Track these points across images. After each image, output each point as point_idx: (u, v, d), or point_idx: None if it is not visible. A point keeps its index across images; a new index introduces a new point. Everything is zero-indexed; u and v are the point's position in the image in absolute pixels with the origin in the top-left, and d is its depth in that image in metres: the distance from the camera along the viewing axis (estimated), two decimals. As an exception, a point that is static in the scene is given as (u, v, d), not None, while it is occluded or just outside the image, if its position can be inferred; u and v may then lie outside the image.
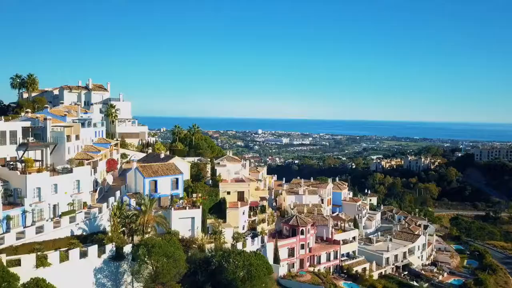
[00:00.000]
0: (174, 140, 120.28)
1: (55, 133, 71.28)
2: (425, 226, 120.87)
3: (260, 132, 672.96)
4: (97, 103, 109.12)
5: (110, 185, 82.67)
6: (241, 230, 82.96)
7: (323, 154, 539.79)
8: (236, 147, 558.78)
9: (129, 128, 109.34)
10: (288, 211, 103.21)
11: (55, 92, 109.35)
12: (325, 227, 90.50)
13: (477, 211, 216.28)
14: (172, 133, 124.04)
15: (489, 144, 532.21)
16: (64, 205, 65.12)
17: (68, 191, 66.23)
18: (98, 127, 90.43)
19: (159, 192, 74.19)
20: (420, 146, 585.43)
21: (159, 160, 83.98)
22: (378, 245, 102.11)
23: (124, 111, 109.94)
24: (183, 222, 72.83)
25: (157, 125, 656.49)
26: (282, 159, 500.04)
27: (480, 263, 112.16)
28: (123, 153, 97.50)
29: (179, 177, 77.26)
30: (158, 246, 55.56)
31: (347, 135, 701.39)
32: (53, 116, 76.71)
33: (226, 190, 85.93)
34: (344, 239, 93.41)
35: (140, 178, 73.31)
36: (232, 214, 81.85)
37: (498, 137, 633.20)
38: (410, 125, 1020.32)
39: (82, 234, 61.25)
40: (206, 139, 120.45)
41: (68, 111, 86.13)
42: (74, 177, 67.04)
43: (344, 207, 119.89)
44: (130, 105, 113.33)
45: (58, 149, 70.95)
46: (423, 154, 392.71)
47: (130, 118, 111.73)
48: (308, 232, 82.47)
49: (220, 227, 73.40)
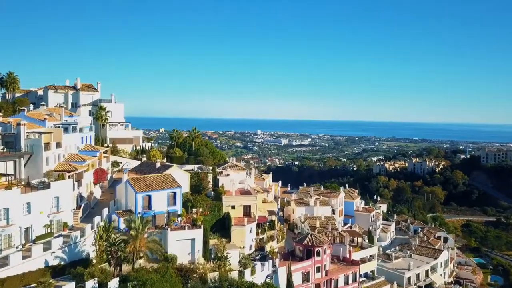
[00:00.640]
0: (171, 146, 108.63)
1: (31, 141, 59.84)
2: (445, 238, 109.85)
3: (259, 133, 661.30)
4: (86, 105, 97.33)
5: (98, 199, 71.26)
6: (248, 251, 71.76)
7: (322, 155, 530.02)
8: (235, 148, 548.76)
9: (122, 133, 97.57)
10: (298, 224, 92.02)
11: (39, 93, 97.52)
12: (342, 245, 79.28)
13: (487, 216, 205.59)
14: (170, 137, 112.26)
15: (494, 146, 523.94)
16: (40, 227, 53.86)
17: (45, 211, 54.90)
18: (85, 132, 78.86)
19: (154, 209, 62.88)
20: (419, 147, 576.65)
21: (154, 170, 72.57)
22: (397, 263, 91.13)
23: (116, 113, 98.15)
24: (182, 245, 61.53)
25: (156, 126, 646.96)
26: (281, 160, 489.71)
27: (506, 279, 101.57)
28: (115, 161, 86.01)
29: (177, 191, 65.89)
30: (151, 283, 44.22)
31: (346, 136, 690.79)
32: (30, 120, 65.32)
33: (231, 204, 74.65)
34: (362, 258, 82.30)
35: (132, 193, 61.92)
36: (237, 233, 70.58)
37: (498, 138, 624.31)
38: (408, 126, 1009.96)
39: (59, 264, 49.95)
40: (207, 144, 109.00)
41: (50, 114, 74.61)
42: (52, 193, 55.70)
43: (357, 217, 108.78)
44: (123, 107, 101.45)
45: (34, 160, 59.52)
46: (425, 155, 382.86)
47: (123, 121, 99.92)
48: (324, 253, 71.25)
49: (225, 251, 61.98)
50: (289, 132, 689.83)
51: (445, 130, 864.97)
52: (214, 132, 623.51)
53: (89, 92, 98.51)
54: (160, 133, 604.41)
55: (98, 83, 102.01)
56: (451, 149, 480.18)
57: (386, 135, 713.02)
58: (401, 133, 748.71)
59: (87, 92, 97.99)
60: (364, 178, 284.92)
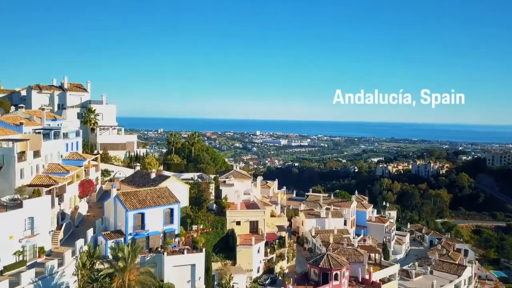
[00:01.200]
0: (169, 151, 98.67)
1: (2, 150, 50.15)
2: (465, 251, 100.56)
3: (258, 133, 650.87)
4: (74, 107, 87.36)
5: (83, 215, 61.53)
6: (256, 273, 62.40)
7: (322, 155, 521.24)
8: (234, 149, 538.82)
9: (114, 138, 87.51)
10: (309, 238, 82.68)
11: (22, 93, 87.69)
12: (360, 264, 69.73)
13: (497, 221, 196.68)
14: (167, 142, 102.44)
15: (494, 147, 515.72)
16: (9, 255, 44.29)
17: (16, 234, 45.34)
18: (70, 137, 69.09)
19: (148, 228, 53.34)
20: (419, 148, 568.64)
21: (149, 181, 62.97)
22: (418, 281, 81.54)
23: (107, 116, 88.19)
24: (180, 271, 52.13)
25: (154, 126, 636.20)
26: (281, 161, 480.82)
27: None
28: (105, 170, 76.23)
29: (175, 207, 56.35)
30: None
31: (345, 136, 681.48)
32: (3, 125, 55.53)
33: (236, 219, 65.22)
34: (382, 278, 72.77)
35: (122, 211, 52.29)
36: (244, 254, 61.15)
37: (497, 139, 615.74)
38: (406, 126, 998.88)
39: (30, 303, 40.40)
40: (207, 150, 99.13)
41: (29, 117, 64.77)
42: (25, 213, 46.13)
43: (370, 228, 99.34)
44: (115, 109, 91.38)
45: (5, 173, 49.86)
46: (426, 157, 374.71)
47: (115, 125, 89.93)
48: (343, 276, 61.72)
49: (231, 280, 52.45)
50: (288, 133, 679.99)
51: (443, 131, 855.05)
52: (213, 133, 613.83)
53: (77, 92, 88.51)
54: (158, 133, 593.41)
55: (88, 82, 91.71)
56: (450, 150, 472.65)
57: (385, 135, 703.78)
58: (399, 133, 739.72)
59: (75, 93, 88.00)
60: (367, 180, 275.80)
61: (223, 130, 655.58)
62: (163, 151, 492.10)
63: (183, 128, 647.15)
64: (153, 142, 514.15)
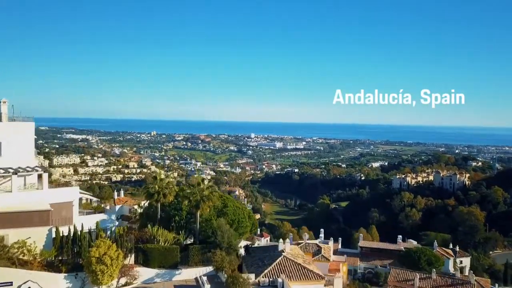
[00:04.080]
0: (149, 207, 48.68)
1: None
2: None
3: (253, 136, 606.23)
4: None
5: None
6: None
7: (318, 159, 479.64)
8: (229, 152, 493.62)
9: (22, 199, 39.67)
10: None
11: None
12: None
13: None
14: (145, 194, 45.52)
15: (490, 150, 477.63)
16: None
17: None
18: None
19: None
20: (415, 150, 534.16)
21: None
22: None
23: (14, 147, 40.99)
24: None
25: (148, 129, 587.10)
26: (278, 166, 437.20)
27: None
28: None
29: None
30: None
31: (340, 139, 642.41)
32: None
33: None
34: None
35: None
36: None
37: (492, 141, 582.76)
38: (400, 128, 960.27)
39: None
40: (226, 205, 48.17)
41: None
42: None
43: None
44: (33, 130, 42.38)
45: None
46: (434, 163, 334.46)
47: (31, 165, 41.88)
48: None
49: None
50: (282, 135, 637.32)
51: (436, 133, 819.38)
52: (207, 135, 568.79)
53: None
54: (151, 136, 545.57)
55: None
56: (448, 152, 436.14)
57: (380, 138, 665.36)
58: (394, 136, 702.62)
59: None
60: (383, 193, 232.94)
61: (217, 132, 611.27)
62: (155, 155, 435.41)
63: (177, 130, 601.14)
64: (147, 151, 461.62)
